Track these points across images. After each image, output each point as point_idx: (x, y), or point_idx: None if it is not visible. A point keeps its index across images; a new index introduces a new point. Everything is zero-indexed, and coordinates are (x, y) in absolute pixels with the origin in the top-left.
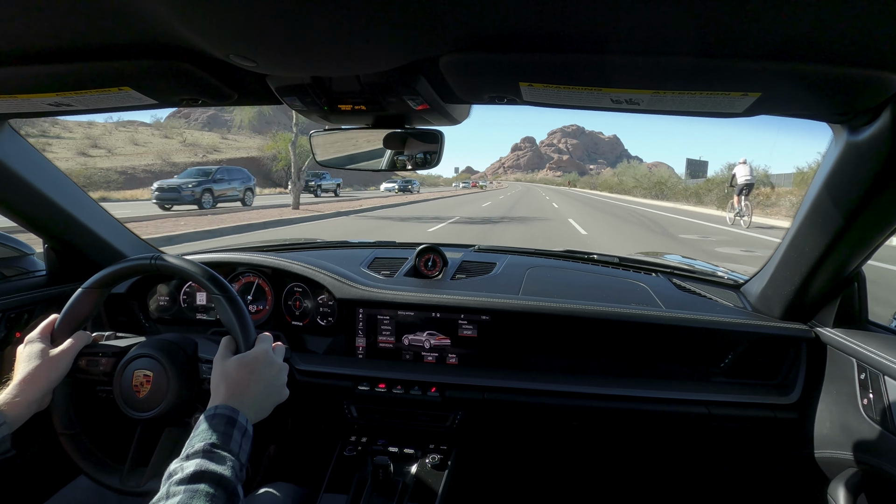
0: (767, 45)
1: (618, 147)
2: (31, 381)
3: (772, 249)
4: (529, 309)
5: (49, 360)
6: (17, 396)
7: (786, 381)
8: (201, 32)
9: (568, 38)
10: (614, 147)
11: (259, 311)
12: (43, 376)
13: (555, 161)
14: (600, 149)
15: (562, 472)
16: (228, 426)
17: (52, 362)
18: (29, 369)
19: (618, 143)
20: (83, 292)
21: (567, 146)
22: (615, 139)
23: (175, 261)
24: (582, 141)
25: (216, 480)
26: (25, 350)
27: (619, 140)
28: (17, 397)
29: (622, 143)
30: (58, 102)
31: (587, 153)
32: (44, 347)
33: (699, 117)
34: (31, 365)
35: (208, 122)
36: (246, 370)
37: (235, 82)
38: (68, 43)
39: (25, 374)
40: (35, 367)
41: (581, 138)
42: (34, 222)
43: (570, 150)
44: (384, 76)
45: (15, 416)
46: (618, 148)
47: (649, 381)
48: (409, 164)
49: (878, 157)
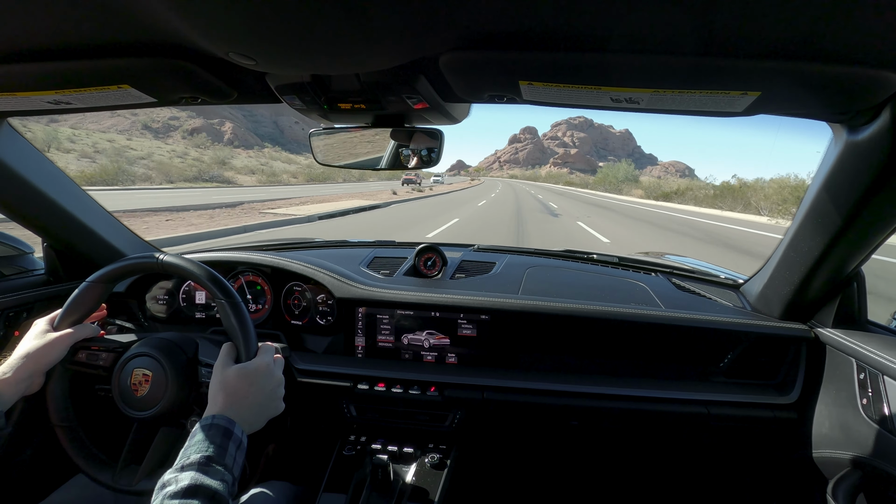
0: (767, 44)
1: (630, 143)
2: (23, 358)
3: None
4: (529, 308)
5: (45, 343)
6: (6, 373)
7: (785, 381)
8: (201, 30)
9: (568, 37)
10: (626, 143)
11: (258, 310)
12: (34, 357)
13: (560, 156)
14: (610, 144)
15: (561, 471)
16: (224, 438)
17: (47, 345)
18: (24, 347)
19: (630, 139)
20: (88, 285)
21: (573, 140)
22: (627, 134)
23: (180, 261)
24: (590, 135)
25: (210, 496)
26: (29, 331)
27: (631, 135)
28: (7, 374)
29: (634, 139)
30: (57, 100)
31: (596, 148)
32: (45, 329)
33: (700, 116)
34: (27, 343)
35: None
36: (246, 381)
37: (235, 80)
38: (68, 41)
39: (20, 351)
40: (30, 345)
41: (589, 132)
42: (33, 221)
43: (576, 144)
44: (384, 75)
45: (6, 394)
46: (630, 144)
47: (649, 381)
48: (413, 158)
49: (878, 156)
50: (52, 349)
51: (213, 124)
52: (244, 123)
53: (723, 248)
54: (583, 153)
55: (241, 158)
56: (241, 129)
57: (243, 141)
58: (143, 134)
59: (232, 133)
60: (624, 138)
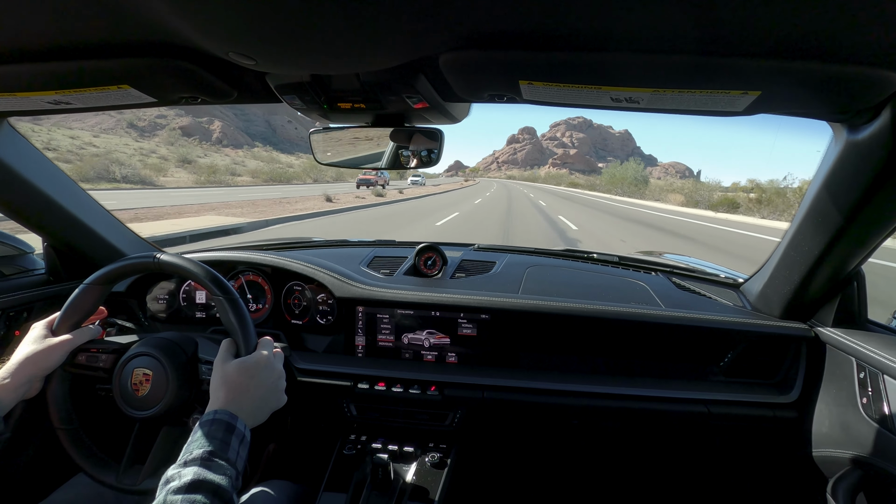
0: (767, 43)
1: (629, 143)
2: (21, 363)
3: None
4: (529, 308)
5: (43, 348)
6: (5, 379)
7: (785, 381)
8: (201, 30)
9: (568, 37)
10: (625, 143)
11: (258, 309)
12: (33, 361)
13: (559, 156)
14: (609, 145)
15: (561, 470)
16: (227, 433)
17: (46, 350)
18: (22, 351)
19: (629, 140)
20: (86, 288)
21: (572, 140)
22: (626, 135)
23: (178, 260)
24: (589, 135)
25: (213, 491)
26: (28, 334)
27: (630, 136)
28: (6, 379)
29: (634, 140)
30: (57, 100)
31: (595, 149)
32: (43, 334)
33: (700, 116)
34: (25, 348)
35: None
36: (246, 375)
37: (235, 80)
38: (68, 41)
39: (18, 355)
40: (28, 350)
41: (588, 132)
42: (33, 221)
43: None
44: (384, 74)
45: (4, 399)
46: (629, 144)
47: (649, 380)
48: (413, 159)
49: (878, 155)
50: (50, 354)
51: (201, 123)
52: (234, 122)
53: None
54: (582, 154)
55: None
56: (230, 127)
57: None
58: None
59: (221, 132)
60: (623, 139)
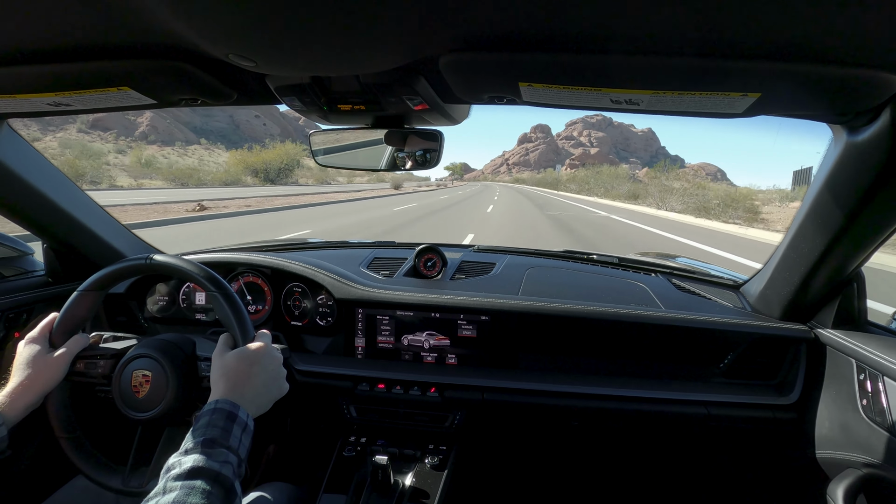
0: (767, 45)
1: (653, 143)
2: (28, 385)
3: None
4: (529, 309)
5: (46, 366)
6: (14, 399)
7: (785, 382)
8: (200, 32)
9: (568, 39)
10: (649, 143)
11: (258, 311)
12: (39, 381)
13: (577, 156)
14: (632, 144)
15: (561, 472)
16: (228, 421)
17: (48, 368)
18: (26, 374)
19: (653, 139)
20: (79, 295)
21: (591, 139)
22: (650, 134)
23: (170, 259)
24: (609, 134)
25: (213, 477)
26: (24, 352)
27: (654, 135)
28: (15, 401)
29: (658, 139)
30: (57, 102)
31: (616, 149)
32: (41, 351)
33: (701, 117)
34: (28, 370)
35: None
36: (246, 362)
37: (235, 82)
38: (68, 43)
39: (23, 378)
40: (32, 372)
41: (608, 131)
42: (33, 222)
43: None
44: (383, 76)
45: (11, 417)
46: (653, 145)
47: (649, 382)
48: (409, 161)
49: (878, 157)
50: (54, 370)
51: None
52: (177, 115)
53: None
54: (604, 153)
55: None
56: (164, 121)
57: (164, 135)
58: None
59: (150, 125)
60: (647, 138)
